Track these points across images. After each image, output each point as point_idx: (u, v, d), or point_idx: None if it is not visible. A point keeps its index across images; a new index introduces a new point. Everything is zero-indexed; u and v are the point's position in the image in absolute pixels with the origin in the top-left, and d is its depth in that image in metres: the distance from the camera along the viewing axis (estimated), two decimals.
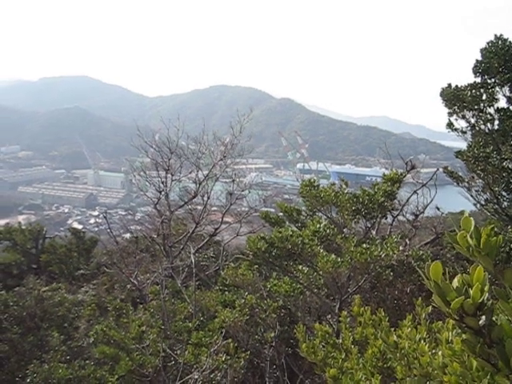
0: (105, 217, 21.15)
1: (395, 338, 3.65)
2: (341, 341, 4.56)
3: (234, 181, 16.27)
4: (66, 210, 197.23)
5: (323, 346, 4.53)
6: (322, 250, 8.41)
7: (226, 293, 11.16)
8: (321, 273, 8.78)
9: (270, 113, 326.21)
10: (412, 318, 4.03)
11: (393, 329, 4.04)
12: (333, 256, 8.04)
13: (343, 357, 4.34)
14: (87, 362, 11.02)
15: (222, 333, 9.07)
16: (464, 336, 2.12)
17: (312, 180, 10.13)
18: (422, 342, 3.40)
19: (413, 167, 13.36)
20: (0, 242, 26.92)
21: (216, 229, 16.46)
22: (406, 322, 3.97)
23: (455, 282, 2.08)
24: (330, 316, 9.87)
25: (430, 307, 3.90)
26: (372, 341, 4.13)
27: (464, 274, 2.11)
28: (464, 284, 2.07)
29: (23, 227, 26.67)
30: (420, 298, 4.17)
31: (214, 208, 18.40)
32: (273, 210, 16.65)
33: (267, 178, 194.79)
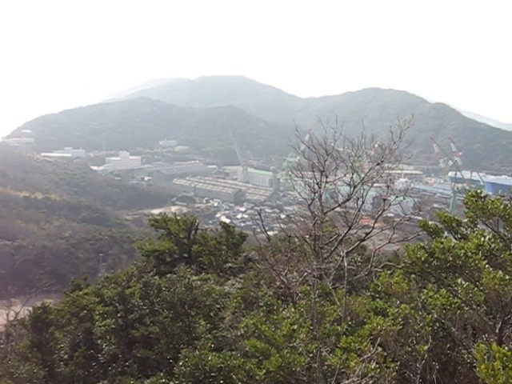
0: (259, 213, 21.67)
1: None
2: None
3: (388, 186, 15.86)
4: (216, 204, 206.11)
5: (502, 369, 4.24)
6: (487, 265, 7.95)
7: (378, 300, 10.93)
8: (482, 288, 8.31)
9: (423, 118, 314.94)
10: None
11: None
12: (500, 272, 7.56)
13: None
14: (233, 353, 11.35)
15: (372, 340, 8.88)
16: None
17: (479, 190, 9.61)
18: None
19: None
20: (156, 230, 28.87)
21: (367, 233, 16.21)
22: None
23: None
24: (487, 335, 9.31)
25: None
26: None
27: None
28: None
29: (178, 218, 28.29)
30: None
31: (363, 212, 18.12)
32: (420, 218, 16.04)
33: (416, 185, 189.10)
